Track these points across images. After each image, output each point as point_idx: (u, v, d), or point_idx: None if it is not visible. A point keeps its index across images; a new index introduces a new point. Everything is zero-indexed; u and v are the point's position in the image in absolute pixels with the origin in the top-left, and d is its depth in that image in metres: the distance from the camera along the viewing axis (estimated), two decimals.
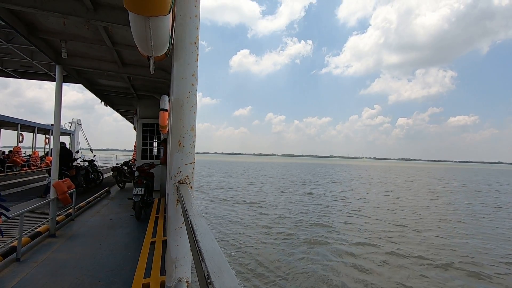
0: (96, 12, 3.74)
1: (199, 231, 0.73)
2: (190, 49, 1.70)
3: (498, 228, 10.52)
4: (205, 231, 0.74)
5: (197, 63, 1.74)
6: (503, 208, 14.95)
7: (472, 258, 7.43)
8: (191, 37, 1.70)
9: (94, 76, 6.89)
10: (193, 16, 1.71)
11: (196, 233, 0.72)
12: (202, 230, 0.74)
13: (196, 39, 1.73)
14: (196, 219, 0.83)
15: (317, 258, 7.10)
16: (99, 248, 4.39)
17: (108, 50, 5.15)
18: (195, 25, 1.72)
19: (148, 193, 6.63)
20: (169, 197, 1.69)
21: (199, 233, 0.72)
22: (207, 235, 0.70)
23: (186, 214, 0.98)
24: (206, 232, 0.73)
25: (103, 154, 25.85)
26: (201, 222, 0.81)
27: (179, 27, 1.70)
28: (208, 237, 0.69)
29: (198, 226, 0.77)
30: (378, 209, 13.62)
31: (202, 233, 0.71)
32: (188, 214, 0.92)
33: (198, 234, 0.70)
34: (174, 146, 1.68)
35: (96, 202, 7.81)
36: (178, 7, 1.70)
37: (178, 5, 1.69)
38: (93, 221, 5.96)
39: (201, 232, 0.72)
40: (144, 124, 9.94)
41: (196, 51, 1.73)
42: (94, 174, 10.25)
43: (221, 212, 12.08)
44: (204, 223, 0.81)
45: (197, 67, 1.74)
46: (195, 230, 0.74)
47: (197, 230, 0.74)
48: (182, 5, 1.68)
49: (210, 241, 0.66)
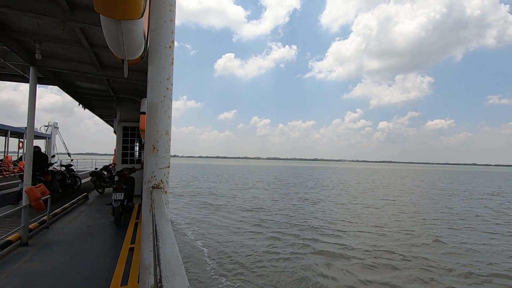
0: (72, 13, 3.65)
1: (161, 236, 0.73)
2: (165, 53, 1.69)
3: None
4: (167, 236, 0.74)
5: (172, 67, 1.73)
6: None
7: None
8: (166, 41, 1.69)
9: (71, 78, 6.68)
10: (168, 20, 1.71)
11: (158, 238, 0.72)
12: (164, 235, 0.74)
13: (172, 43, 1.73)
14: (161, 225, 0.83)
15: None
16: (74, 257, 4.23)
17: (85, 52, 5.01)
18: (170, 29, 1.71)
19: (128, 198, 6.46)
20: (143, 202, 1.67)
21: (161, 238, 0.72)
22: (168, 240, 0.70)
23: (153, 219, 0.97)
24: (168, 237, 0.73)
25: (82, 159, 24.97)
26: (166, 228, 0.81)
27: (154, 31, 1.69)
28: (169, 242, 0.69)
29: (162, 231, 0.77)
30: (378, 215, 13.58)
31: (163, 238, 0.72)
32: (155, 219, 0.92)
33: (159, 239, 0.71)
34: (148, 151, 1.66)
35: (73, 209, 7.52)
36: (153, 11, 1.69)
37: (153, 9, 1.69)
38: (69, 228, 5.73)
39: (163, 237, 0.72)
40: (124, 127, 9.71)
41: (172, 55, 1.73)
42: (71, 179, 9.88)
43: (215, 220, 11.62)
44: (168, 229, 0.81)
45: (173, 71, 1.73)
46: (158, 235, 0.74)
47: (159, 235, 0.74)
48: (156, 9, 1.68)
49: (170, 246, 0.66)
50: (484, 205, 16.83)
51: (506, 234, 9.99)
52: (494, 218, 12.96)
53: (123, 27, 1.43)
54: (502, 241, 9.16)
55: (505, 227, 11.12)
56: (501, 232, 10.22)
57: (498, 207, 16.02)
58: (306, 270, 6.58)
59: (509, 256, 7.75)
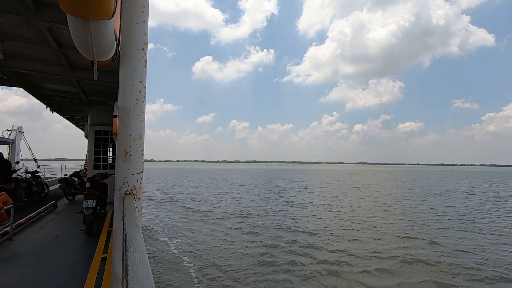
0: (38, 11, 3.46)
1: (130, 246, 0.70)
2: (137, 55, 1.65)
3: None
4: (137, 245, 0.71)
5: (145, 69, 1.69)
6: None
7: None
8: (138, 43, 1.65)
9: (37, 80, 6.31)
10: (141, 22, 1.66)
11: (127, 248, 0.69)
12: (134, 244, 0.71)
13: (144, 45, 1.68)
14: (131, 233, 0.80)
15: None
16: (41, 269, 3.95)
17: (53, 52, 4.76)
18: (143, 30, 1.67)
19: (100, 206, 6.17)
20: (115, 209, 1.60)
21: (129, 247, 0.69)
22: (138, 249, 0.68)
23: (124, 228, 0.93)
24: (138, 246, 0.70)
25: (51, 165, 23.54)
26: (135, 236, 0.78)
27: (126, 33, 1.64)
28: (139, 251, 0.67)
29: (131, 240, 0.74)
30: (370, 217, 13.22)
31: (133, 248, 0.69)
32: (125, 228, 0.88)
33: (128, 249, 0.68)
34: (120, 156, 1.60)
35: (40, 218, 7.05)
36: (124, 11, 1.64)
37: (124, 10, 1.64)
38: (36, 239, 5.36)
39: (132, 247, 0.69)
40: (96, 131, 9.30)
41: (145, 57, 1.69)
42: (38, 186, 9.27)
43: (201, 229, 10.47)
44: (139, 237, 0.78)
45: (146, 74, 1.69)
46: (127, 245, 0.71)
47: (128, 245, 0.71)
48: (128, 10, 1.63)
49: (139, 256, 0.63)
50: (464, 204, 17.13)
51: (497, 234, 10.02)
52: (481, 217, 13.04)
53: (92, 28, 1.38)
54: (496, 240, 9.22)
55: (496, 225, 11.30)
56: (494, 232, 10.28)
57: (480, 206, 16.30)
58: (308, 279, 6.21)
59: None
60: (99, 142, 9.39)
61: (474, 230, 10.56)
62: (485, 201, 18.77)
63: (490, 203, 17.80)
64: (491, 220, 12.51)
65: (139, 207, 1.52)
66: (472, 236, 9.75)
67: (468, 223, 11.89)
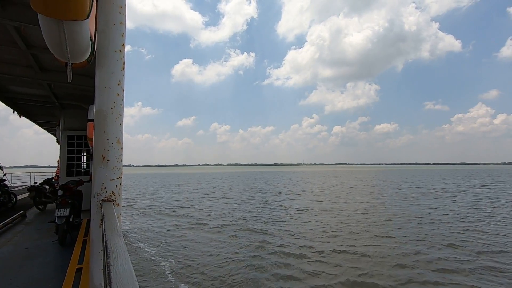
0: (4, 9, 3.27)
1: (112, 253, 0.68)
2: (114, 57, 1.60)
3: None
4: (120, 252, 0.69)
5: (123, 71, 1.64)
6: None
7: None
8: (115, 45, 1.60)
9: (3, 82, 5.93)
10: (118, 23, 1.62)
11: (109, 255, 0.67)
12: (116, 251, 0.69)
13: (122, 47, 1.64)
14: (112, 240, 0.77)
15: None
16: (9, 285, 3.69)
17: (21, 53, 4.50)
18: (120, 32, 1.62)
19: (74, 214, 5.88)
20: (92, 217, 1.54)
21: (112, 254, 0.67)
22: (121, 256, 0.66)
23: (104, 235, 0.90)
24: (120, 253, 0.68)
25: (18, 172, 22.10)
26: (117, 243, 0.75)
27: (102, 34, 1.59)
28: (122, 258, 0.65)
29: (113, 247, 0.72)
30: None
31: (115, 255, 0.67)
32: (105, 234, 0.85)
33: (110, 256, 0.66)
34: (97, 161, 1.54)
35: (7, 229, 6.60)
36: (100, 12, 1.59)
37: (100, 10, 1.59)
38: (3, 252, 5.01)
39: (115, 254, 0.67)
40: (69, 136, 8.87)
41: (122, 59, 1.64)
42: (4, 196, 8.69)
43: (192, 243, 9.03)
44: (121, 244, 0.76)
45: (124, 76, 1.64)
46: (108, 251, 0.69)
47: (110, 252, 0.68)
48: (104, 11, 1.58)
49: (122, 263, 0.62)
50: (459, 203, 16.71)
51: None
52: (488, 215, 12.72)
53: (66, 28, 1.32)
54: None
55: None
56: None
57: (476, 204, 16.10)
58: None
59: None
60: (73, 148, 8.97)
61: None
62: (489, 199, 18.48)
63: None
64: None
65: (118, 213, 1.47)
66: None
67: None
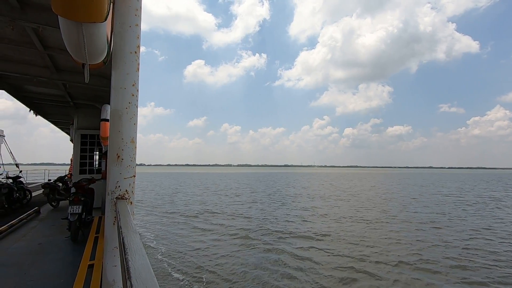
0: (23, 11, 3.38)
1: (130, 249, 0.70)
2: (130, 58, 1.64)
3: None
4: (137, 248, 0.71)
5: (138, 72, 1.68)
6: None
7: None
8: (131, 46, 1.64)
9: (20, 82, 6.12)
10: (134, 25, 1.66)
11: (126, 251, 0.69)
12: (133, 247, 0.71)
13: (137, 49, 1.67)
14: (129, 237, 0.79)
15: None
16: (23, 279, 3.80)
17: (38, 54, 4.64)
18: (135, 34, 1.66)
19: (86, 211, 6.00)
20: (107, 214, 1.57)
21: (129, 250, 0.69)
22: (138, 252, 0.68)
23: (120, 231, 0.93)
24: (137, 249, 0.70)
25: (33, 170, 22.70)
26: (134, 239, 0.77)
27: (118, 36, 1.63)
28: (139, 254, 0.67)
29: (130, 244, 0.74)
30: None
31: (132, 251, 0.69)
32: (122, 231, 0.88)
33: (128, 252, 0.68)
34: (112, 159, 1.58)
35: (22, 225, 6.80)
36: (117, 15, 1.63)
37: (117, 13, 1.63)
38: (17, 247, 5.16)
39: (132, 250, 0.69)
40: (83, 135, 9.08)
41: (137, 60, 1.68)
42: (19, 192, 8.95)
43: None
44: (137, 240, 0.78)
45: (138, 77, 1.68)
46: (126, 248, 0.71)
47: (127, 248, 0.70)
48: (121, 13, 1.63)
49: (140, 259, 0.64)
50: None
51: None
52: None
53: (85, 31, 1.37)
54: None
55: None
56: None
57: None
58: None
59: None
60: (85, 146, 9.17)
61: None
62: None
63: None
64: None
65: (131, 211, 1.51)
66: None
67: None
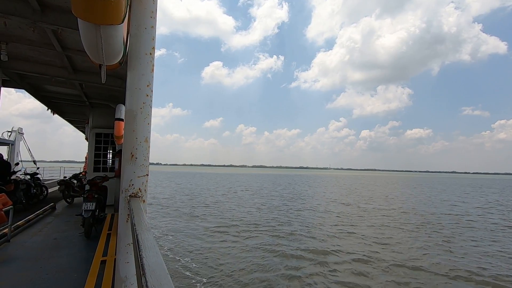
0: (44, 14, 3.50)
1: (144, 246, 0.71)
2: (145, 59, 1.67)
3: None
4: (150, 245, 0.73)
5: (152, 73, 1.71)
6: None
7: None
8: (146, 48, 1.68)
9: (40, 82, 6.34)
10: (149, 27, 1.69)
11: (141, 248, 0.70)
12: (147, 244, 0.73)
13: (152, 50, 1.71)
14: (143, 234, 0.81)
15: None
16: (39, 272, 3.93)
17: (57, 55, 4.80)
18: (151, 36, 1.70)
19: (100, 209, 6.15)
20: (120, 212, 1.61)
21: (143, 247, 0.70)
22: (152, 250, 0.69)
23: (134, 229, 0.95)
24: (151, 246, 0.72)
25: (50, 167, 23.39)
26: (148, 237, 0.79)
27: (134, 37, 1.67)
28: (153, 251, 0.68)
29: (144, 241, 0.76)
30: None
31: (146, 248, 0.70)
32: (136, 229, 0.90)
33: (142, 249, 0.69)
34: (126, 158, 1.62)
35: (38, 220, 7.02)
36: (133, 17, 1.67)
37: (133, 15, 1.67)
38: (34, 241, 5.33)
39: (146, 247, 0.71)
40: (97, 134, 9.32)
41: (152, 61, 1.71)
42: (37, 188, 9.25)
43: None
44: (150, 238, 0.79)
45: (153, 78, 1.71)
46: (140, 244, 0.73)
47: (141, 245, 0.72)
48: (137, 16, 1.67)
49: (154, 256, 0.65)
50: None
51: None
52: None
53: (103, 32, 1.41)
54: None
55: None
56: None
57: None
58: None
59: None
60: (100, 145, 9.40)
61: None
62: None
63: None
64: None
65: (144, 209, 1.54)
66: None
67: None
